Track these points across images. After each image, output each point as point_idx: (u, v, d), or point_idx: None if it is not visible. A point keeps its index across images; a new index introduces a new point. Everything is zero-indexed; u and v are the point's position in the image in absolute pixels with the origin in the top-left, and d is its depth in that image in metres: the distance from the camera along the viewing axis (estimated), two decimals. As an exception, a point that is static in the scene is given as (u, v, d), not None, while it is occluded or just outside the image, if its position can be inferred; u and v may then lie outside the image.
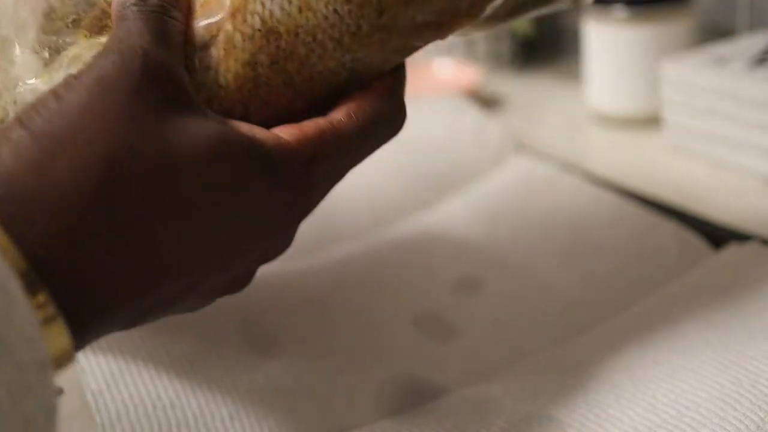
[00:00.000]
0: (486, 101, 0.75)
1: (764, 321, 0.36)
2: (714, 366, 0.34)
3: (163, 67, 0.29)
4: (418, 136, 0.59)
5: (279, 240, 0.32)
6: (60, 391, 0.25)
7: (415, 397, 0.38)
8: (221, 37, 0.30)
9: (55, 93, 0.27)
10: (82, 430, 0.37)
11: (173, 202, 0.28)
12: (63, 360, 0.26)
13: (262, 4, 0.30)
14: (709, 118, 0.60)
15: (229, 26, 0.30)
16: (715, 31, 0.73)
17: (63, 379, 0.39)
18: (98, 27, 0.32)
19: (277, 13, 0.30)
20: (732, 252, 0.42)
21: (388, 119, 0.33)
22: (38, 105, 0.27)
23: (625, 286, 0.43)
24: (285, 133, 0.30)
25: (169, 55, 0.29)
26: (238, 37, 0.30)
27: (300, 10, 0.30)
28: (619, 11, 0.66)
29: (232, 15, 0.30)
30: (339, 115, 0.31)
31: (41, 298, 0.25)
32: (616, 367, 0.36)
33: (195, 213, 0.28)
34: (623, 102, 0.69)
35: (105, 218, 0.26)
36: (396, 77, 0.33)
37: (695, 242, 0.45)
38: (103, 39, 0.31)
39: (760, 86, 0.56)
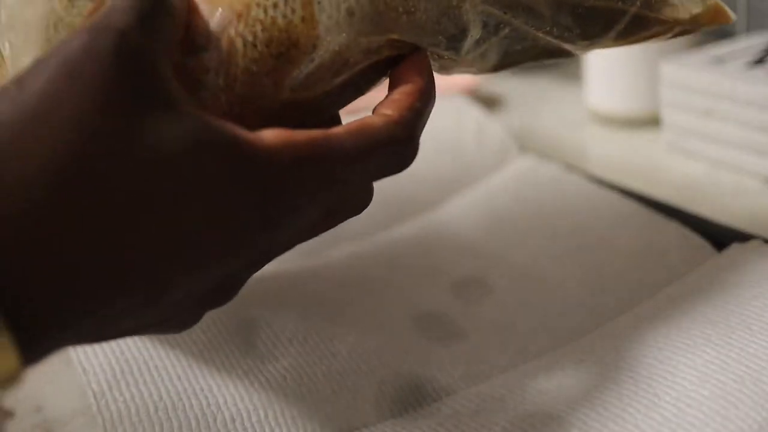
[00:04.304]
0: (486, 101, 0.75)
1: (766, 319, 0.36)
2: (716, 364, 0.34)
3: (141, 54, 0.26)
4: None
5: (259, 246, 0.28)
6: (10, 414, 0.23)
7: (417, 397, 0.38)
8: (224, 40, 0.29)
9: (18, 79, 0.25)
10: (84, 431, 0.37)
11: (137, 205, 0.25)
12: (9, 381, 0.23)
13: (265, 11, 0.29)
14: (707, 118, 0.60)
15: (231, 30, 0.30)
16: (713, 32, 0.73)
17: (65, 378, 0.39)
18: None
19: (280, 21, 0.30)
20: (734, 251, 0.42)
21: (392, 146, 0.30)
22: (1, 92, 0.25)
23: (628, 287, 0.43)
24: (272, 134, 0.27)
25: (152, 40, 0.26)
26: (239, 42, 0.29)
27: (303, 20, 0.30)
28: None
29: (237, 17, 0.30)
30: (338, 129, 0.29)
31: None
32: (619, 366, 0.36)
33: (161, 217, 0.25)
34: (623, 102, 0.69)
35: (61, 226, 0.24)
36: (413, 107, 0.31)
37: (698, 243, 0.45)
38: None
39: (758, 86, 0.56)
